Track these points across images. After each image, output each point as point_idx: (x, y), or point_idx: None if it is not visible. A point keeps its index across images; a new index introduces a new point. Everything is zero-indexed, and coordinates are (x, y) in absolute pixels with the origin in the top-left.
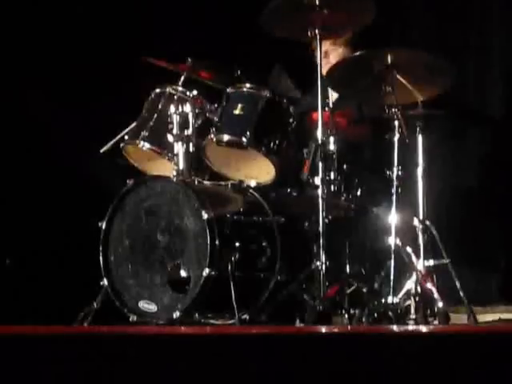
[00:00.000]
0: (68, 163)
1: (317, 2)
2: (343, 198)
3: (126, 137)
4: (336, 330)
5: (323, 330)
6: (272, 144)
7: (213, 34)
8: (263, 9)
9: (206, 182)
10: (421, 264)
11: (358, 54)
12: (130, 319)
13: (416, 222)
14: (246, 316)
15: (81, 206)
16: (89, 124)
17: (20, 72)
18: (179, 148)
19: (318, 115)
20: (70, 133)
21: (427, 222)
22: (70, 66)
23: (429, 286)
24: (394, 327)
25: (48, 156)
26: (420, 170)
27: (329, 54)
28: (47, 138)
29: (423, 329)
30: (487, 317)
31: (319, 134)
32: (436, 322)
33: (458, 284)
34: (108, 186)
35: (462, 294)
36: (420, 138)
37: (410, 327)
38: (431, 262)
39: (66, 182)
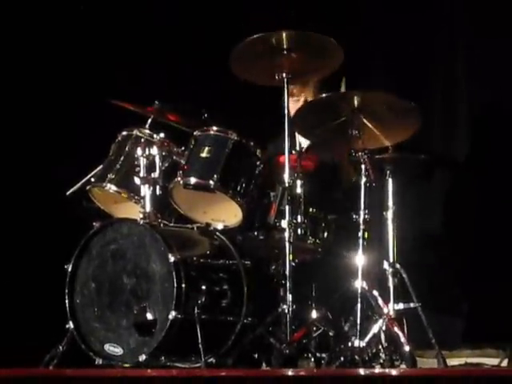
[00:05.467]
0: (34, 205)
1: (284, 45)
2: (310, 242)
3: (93, 179)
4: (302, 373)
5: (289, 373)
6: (239, 187)
7: (180, 76)
8: (231, 51)
9: (172, 225)
10: (390, 307)
11: (324, 96)
12: (96, 362)
13: (386, 265)
14: (212, 359)
15: (47, 248)
16: (55, 166)
17: None
18: (146, 191)
19: (285, 158)
20: (36, 174)
21: (397, 266)
22: (37, 108)
23: (395, 329)
24: (361, 371)
25: (14, 199)
26: (390, 213)
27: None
28: (14, 180)
29: (390, 372)
30: (453, 361)
31: (286, 177)
32: (403, 366)
33: (427, 328)
34: (74, 228)
35: (431, 336)
36: (390, 182)
37: (377, 370)
38: (401, 306)
39: (32, 225)
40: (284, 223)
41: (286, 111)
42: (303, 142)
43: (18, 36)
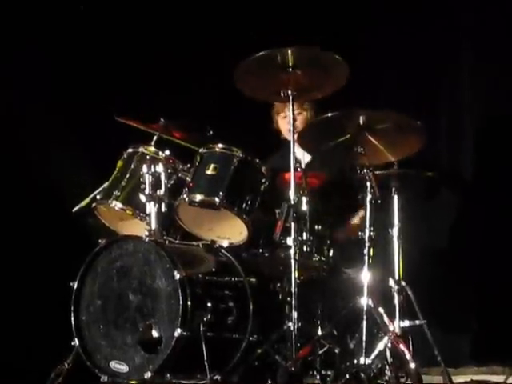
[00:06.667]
0: (39, 222)
1: (290, 63)
2: (315, 259)
3: (99, 196)
4: None
5: None
6: (244, 204)
7: (185, 93)
8: (236, 68)
9: (177, 242)
10: (396, 325)
11: (330, 115)
12: (102, 379)
13: (391, 282)
14: (217, 377)
15: (53, 265)
16: (61, 183)
17: None
18: (151, 208)
19: (291, 176)
20: (42, 191)
21: (403, 283)
22: (43, 124)
23: (401, 347)
24: None
25: (19, 216)
26: (396, 230)
27: (296, 118)
28: (19, 196)
29: None
30: (459, 378)
31: (291, 194)
32: (408, 383)
33: (433, 345)
34: (80, 245)
35: (437, 353)
36: (395, 199)
37: None
38: (406, 323)
39: (38, 242)
40: (289, 240)
41: (291, 128)
42: (305, 158)
43: (25, 50)
